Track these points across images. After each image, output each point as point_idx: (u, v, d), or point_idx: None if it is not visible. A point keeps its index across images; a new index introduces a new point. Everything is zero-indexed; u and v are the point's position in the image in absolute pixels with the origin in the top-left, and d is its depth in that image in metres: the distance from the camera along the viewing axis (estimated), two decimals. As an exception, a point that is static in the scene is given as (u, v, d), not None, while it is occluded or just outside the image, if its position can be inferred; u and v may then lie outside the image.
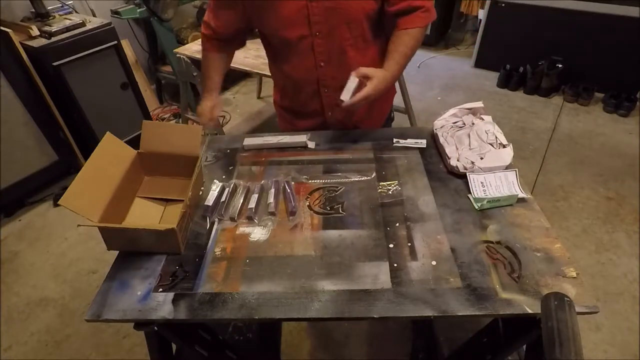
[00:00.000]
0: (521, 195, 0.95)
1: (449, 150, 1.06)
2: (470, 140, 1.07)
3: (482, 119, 1.14)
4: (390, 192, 1.01)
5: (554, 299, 0.58)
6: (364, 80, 1.00)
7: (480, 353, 1.05)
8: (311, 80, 1.15)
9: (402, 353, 1.50)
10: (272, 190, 1.01)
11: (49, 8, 2.17)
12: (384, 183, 1.04)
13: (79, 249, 2.03)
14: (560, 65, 3.03)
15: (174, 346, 1.02)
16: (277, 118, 1.42)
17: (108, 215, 0.87)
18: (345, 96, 1.00)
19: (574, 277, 0.78)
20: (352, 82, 1.01)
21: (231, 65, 2.03)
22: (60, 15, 2.21)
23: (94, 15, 2.52)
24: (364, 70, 1.00)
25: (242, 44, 1.25)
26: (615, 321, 1.58)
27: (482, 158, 1.02)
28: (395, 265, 0.83)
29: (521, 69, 3.13)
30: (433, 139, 1.17)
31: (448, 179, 1.04)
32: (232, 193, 1.02)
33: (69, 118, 2.26)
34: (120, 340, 1.61)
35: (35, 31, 2.03)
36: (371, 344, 1.56)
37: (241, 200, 1.00)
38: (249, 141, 1.20)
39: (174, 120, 2.99)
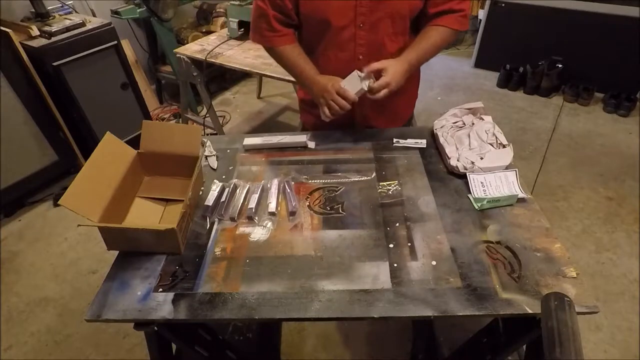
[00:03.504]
0: (521, 195, 0.95)
1: (449, 150, 1.06)
2: (470, 140, 1.07)
3: (482, 119, 1.14)
4: (390, 192, 1.01)
5: (554, 299, 0.58)
6: (378, 73, 1.01)
7: (480, 353, 1.06)
8: (348, 73, 1.11)
9: (402, 353, 1.50)
10: (272, 190, 1.01)
11: (49, 8, 2.17)
12: (384, 183, 1.04)
13: (79, 249, 2.03)
14: (560, 65, 3.03)
15: (174, 346, 1.02)
16: (300, 114, 1.40)
17: (108, 215, 0.87)
18: (351, 87, 1.02)
19: (574, 277, 0.78)
20: (355, 77, 1.01)
21: (231, 65, 2.05)
22: (60, 15, 2.21)
23: (94, 15, 2.52)
24: (375, 65, 1.00)
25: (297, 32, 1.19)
26: (615, 321, 1.58)
27: (482, 158, 1.02)
28: (395, 265, 0.83)
29: (521, 69, 3.13)
30: (433, 139, 1.17)
31: (448, 179, 1.04)
32: (232, 193, 1.02)
33: (69, 118, 2.26)
34: (120, 340, 1.61)
35: (35, 31, 2.03)
36: (371, 344, 1.56)
37: (241, 200, 1.00)
38: (249, 141, 1.20)
39: (174, 120, 2.98)
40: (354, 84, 1.02)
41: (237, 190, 1.03)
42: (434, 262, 0.83)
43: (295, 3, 1.06)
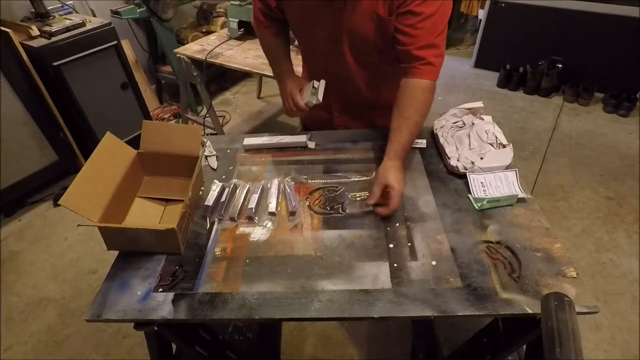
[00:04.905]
0: (521, 195, 0.95)
1: (449, 150, 1.06)
2: (470, 140, 1.07)
3: (482, 119, 1.14)
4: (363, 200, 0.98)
5: (554, 299, 0.58)
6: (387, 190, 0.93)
7: (480, 353, 1.06)
8: (326, 77, 1.16)
9: (402, 353, 1.50)
10: (272, 190, 1.01)
11: (49, 8, 2.17)
12: (355, 193, 1.00)
13: (79, 249, 2.03)
14: (560, 65, 3.03)
15: (174, 346, 1.02)
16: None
17: (108, 215, 0.87)
18: (312, 98, 1.07)
19: (574, 277, 0.78)
20: (310, 88, 1.07)
21: (231, 65, 2.05)
22: (60, 15, 2.21)
23: (94, 15, 2.52)
24: (377, 190, 0.92)
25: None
26: (615, 321, 1.58)
27: (482, 158, 1.02)
28: (395, 265, 0.83)
29: (521, 69, 3.13)
30: (433, 139, 1.17)
31: (448, 179, 1.04)
32: (232, 193, 1.02)
33: (69, 118, 2.26)
34: (120, 340, 1.61)
35: (35, 31, 2.03)
36: (371, 344, 1.56)
37: (241, 200, 1.00)
38: (249, 141, 1.20)
39: (174, 120, 2.99)
40: (308, 94, 1.09)
41: (237, 190, 1.03)
42: (434, 262, 0.83)
43: (279, 4, 1.09)
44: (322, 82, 1.08)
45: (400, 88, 1.01)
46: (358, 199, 0.99)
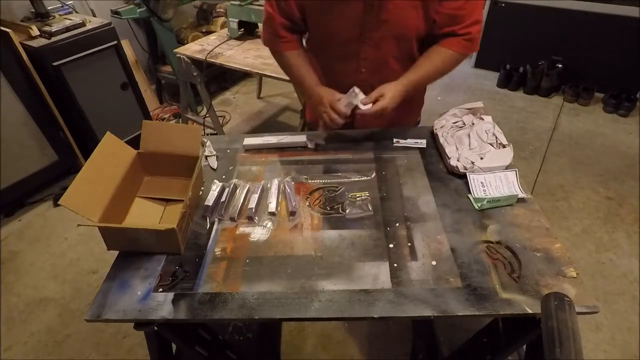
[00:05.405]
0: (521, 195, 0.95)
1: (449, 150, 1.06)
2: (470, 140, 1.07)
3: (482, 119, 1.14)
4: (359, 203, 0.98)
5: (554, 299, 0.58)
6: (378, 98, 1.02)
7: (480, 353, 1.06)
8: (349, 82, 1.14)
9: (402, 353, 1.50)
10: (272, 190, 1.01)
11: (49, 8, 2.17)
12: (354, 193, 1.01)
13: (79, 249, 2.03)
14: (560, 65, 3.03)
15: (174, 346, 1.02)
16: (307, 111, 1.43)
17: (108, 215, 0.87)
18: (353, 99, 1.04)
19: (574, 277, 0.78)
20: (351, 94, 1.04)
21: (231, 65, 2.05)
22: (60, 15, 2.21)
23: (94, 15, 2.52)
24: (374, 94, 1.02)
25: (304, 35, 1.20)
26: (615, 321, 1.58)
27: (482, 158, 1.02)
28: (395, 265, 0.83)
29: (521, 69, 3.13)
30: (433, 139, 1.17)
31: (448, 179, 1.04)
32: (232, 193, 1.02)
33: (69, 118, 2.26)
34: (120, 340, 1.61)
35: (35, 31, 2.03)
36: (371, 344, 1.56)
37: (241, 200, 1.00)
38: (249, 141, 1.20)
39: (174, 120, 2.99)
40: (348, 99, 1.05)
41: (237, 190, 1.03)
42: (434, 262, 0.83)
43: (302, 12, 1.06)
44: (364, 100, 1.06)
45: (435, 47, 1.05)
46: (358, 199, 0.99)
